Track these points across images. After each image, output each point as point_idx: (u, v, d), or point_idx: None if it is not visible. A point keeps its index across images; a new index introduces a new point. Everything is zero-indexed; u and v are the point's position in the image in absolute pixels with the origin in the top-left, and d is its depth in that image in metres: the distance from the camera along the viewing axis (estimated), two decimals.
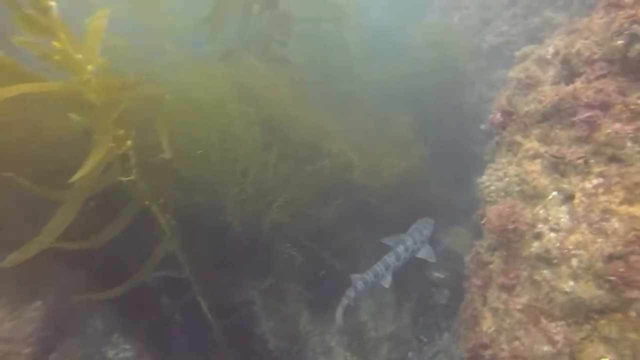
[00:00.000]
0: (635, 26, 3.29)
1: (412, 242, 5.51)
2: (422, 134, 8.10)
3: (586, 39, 3.85)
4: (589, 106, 3.37)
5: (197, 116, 4.40)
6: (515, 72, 5.28)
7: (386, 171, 5.80)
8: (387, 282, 5.19)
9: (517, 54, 5.75)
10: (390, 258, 5.27)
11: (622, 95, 3.36)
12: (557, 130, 3.63)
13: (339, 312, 4.99)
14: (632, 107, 3.27)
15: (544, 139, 3.67)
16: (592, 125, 3.32)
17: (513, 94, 4.79)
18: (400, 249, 5.39)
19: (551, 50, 4.96)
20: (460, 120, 8.97)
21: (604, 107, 3.34)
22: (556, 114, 3.66)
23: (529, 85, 4.65)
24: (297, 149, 5.13)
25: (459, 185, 7.73)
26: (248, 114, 4.59)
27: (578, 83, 3.59)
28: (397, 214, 5.87)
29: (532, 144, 3.70)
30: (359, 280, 5.07)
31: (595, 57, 3.66)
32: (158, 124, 3.74)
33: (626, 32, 3.37)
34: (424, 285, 6.55)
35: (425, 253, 5.47)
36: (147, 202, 3.59)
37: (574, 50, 3.85)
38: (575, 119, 3.47)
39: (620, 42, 3.40)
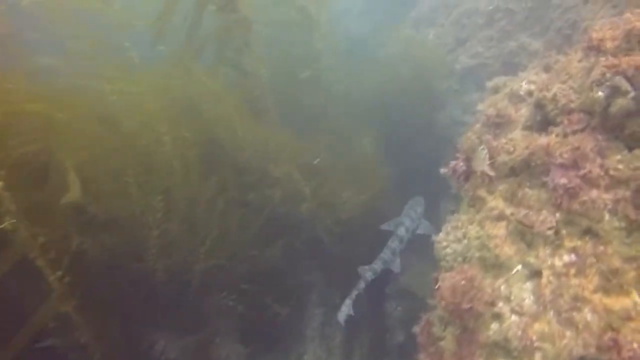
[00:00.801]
0: (617, 78, 2.82)
1: (410, 222, 5.46)
2: (390, 156, 7.59)
3: (563, 82, 3.38)
4: (563, 167, 2.87)
5: (115, 139, 3.69)
6: (485, 106, 4.81)
7: (345, 202, 5.21)
8: (396, 266, 5.10)
9: (489, 84, 5.29)
10: (394, 243, 5.17)
11: (601, 156, 2.89)
12: (527, 189, 3.14)
13: (347, 304, 4.70)
14: (611, 172, 2.80)
15: (511, 198, 3.17)
16: (565, 189, 2.82)
17: (482, 132, 4.31)
18: (401, 231, 5.31)
19: (525, 86, 4.50)
20: (432, 141, 8.51)
21: (580, 168, 2.85)
22: (526, 170, 3.18)
23: (499, 124, 4.16)
24: (242, 175, 4.47)
25: (426, 214, 7.27)
26: (183, 137, 3.90)
27: (553, 136, 3.10)
28: (355, 252, 5.28)
29: (497, 203, 3.19)
30: (368, 272, 4.86)
31: (573, 106, 3.18)
32: (58, 152, 3.02)
33: (607, 84, 2.90)
34: (378, 325, 6.02)
35: (424, 229, 5.46)
36: (31, 254, 2.89)
37: (549, 95, 3.37)
38: (547, 179, 2.97)
39: (600, 93, 2.93)
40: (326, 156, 5.65)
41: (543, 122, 3.56)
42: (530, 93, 4.06)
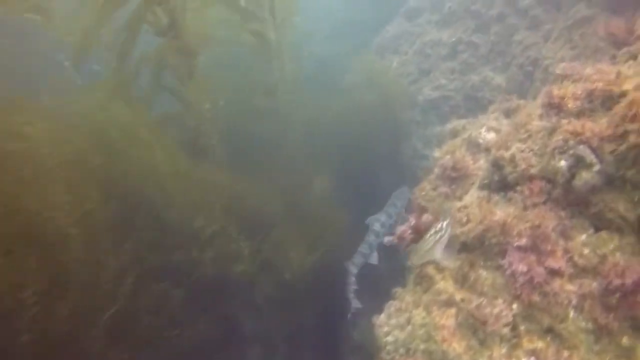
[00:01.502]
0: (581, 148, 2.44)
1: (387, 217, 5.82)
2: (351, 190, 7.11)
3: (523, 142, 2.98)
4: (522, 249, 2.44)
5: None
6: (442, 153, 4.42)
7: (291, 263, 4.58)
8: (374, 259, 5.51)
9: (448, 127, 4.93)
10: (370, 237, 5.59)
11: (565, 237, 2.47)
12: (480, 271, 2.69)
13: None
14: (576, 258, 2.38)
15: (462, 280, 2.71)
16: (525, 278, 2.38)
17: (437, 184, 3.89)
18: (377, 226, 5.70)
19: (484, 134, 4.13)
20: (396, 174, 8.13)
21: (541, 252, 2.42)
22: (480, 248, 2.74)
23: (455, 179, 3.75)
24: (168, 235, 3.82)
25: (386, 261, 6.78)
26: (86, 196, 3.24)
27: (511, 211, 2.67)
28: (300, 319, 4.63)
29: (446, 284, 2.73)
30: (351, 265, 5.27)
31: (533, 171, 2.78)
32: None
33: (570, 152, 2.51)
34: None
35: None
36: None
37: (507, 155, 2.96)
38: (503, 262, 2.53)
39: (562, 163, 2.53)
40: (274, 203, 5.04)
41: (501, 184, 3.15)
42: (488, 146, 3.68)
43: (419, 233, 3.04)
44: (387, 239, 3.58)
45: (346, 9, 11.24)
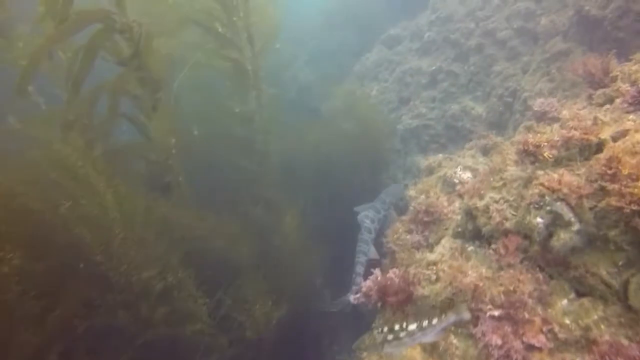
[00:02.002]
0: (559, 205, 2.20)
1: (375, 212, 5.80)
2: (328, 227, 6.78)
3: (497, 191, 2.76)
4: (495, 319, 2.17)
5: None
6: (417, 191, 4.18)
7: (256, 318, 4.14)
8: (373, 253, 5.37)
9: (424, 163, 4.72)
10: (364, 235, 5.53)
11: (543, 304, 2.22)
12: (451, 337, 2.40)
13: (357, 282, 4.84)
14: (557, 329, 2.12)
15: (431, 350, 2.42)
16: (499, 352, 2.10)
17: (408, 229, 3.64)
18: (367, 223, 5.67)
19: (459, 173, 3.92)
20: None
21: (517, 322, 2.15)
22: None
23: (427, 223, 3.50)
24: (110, 291, 3.37)
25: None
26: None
27: (484, 270, 2.42)
28: None
29: (413, 352, 2.43)
30: (357, 264, 5.21)
31: (508, 225, 2.54)
32: None
33: (547, 209, 2.28)
34: None
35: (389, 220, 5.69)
36: None
37: (481, 205, 2.73)
38: (476, 330, 2.25)
39: (539, 220, 2.30)
40: (241, 246, 4.62)
41: (475, 233, 2.91)
42: (462, 192, 3.45)
43: (385, 295, 2.75)
44: (352, 297, 3.27)
45: (329, 34, 11.16)
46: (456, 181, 3.86)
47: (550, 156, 2.48)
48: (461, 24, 7.47)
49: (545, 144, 2.51)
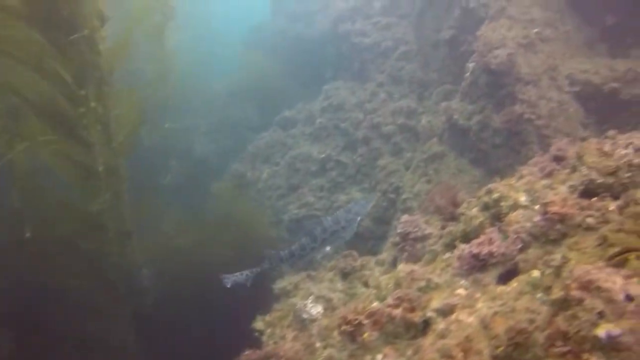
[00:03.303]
0: None
1: (333, 223, 4.97)
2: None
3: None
4: None
5: None
6: (264, 324, 3.58)
7: None
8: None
9: (279, 285, 4.18)
10: (305, 240, 4.77)
11: None
12: None
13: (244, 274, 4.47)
14: None
15: None
16: None
17: None
18: (317, 230, 4.90)
19: (309, 307, 3.39)
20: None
21: None
22: None
23: None
24: None
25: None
26: None
27: None
28: None
29: None
30: (274, 257, 4.70)
31: None
32: None
33: None
34: None
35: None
36: None
37: None
38: None
39: None
40: None
41: None
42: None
43: None
44: None
45: (230, 107, 10.80)
46: (305, 316, 3.31)
47: (371, 337, 2.00)
48: (351, 114, 7.47)
49: (366, 321, 2.04)
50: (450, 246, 2.77)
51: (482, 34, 5.06)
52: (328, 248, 7.08)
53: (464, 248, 2.37)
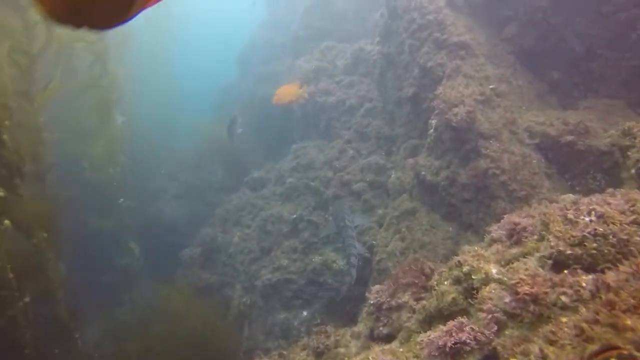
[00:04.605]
0: None
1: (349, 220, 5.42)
2: None
3: None
4: None
5: None
6: None
7: None
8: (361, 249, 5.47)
9: None
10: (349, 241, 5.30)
11: None
12: None
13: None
14: None
15: None
16: None
17: None
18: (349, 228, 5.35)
19: None
20: None
21: None
22: None
23: None
24: None
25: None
26: None
27: None
28: None
29: None
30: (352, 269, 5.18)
31: None
32: None
33: None
34: None
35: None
36: None
37: None
38: None
39: None
40: None
41: None
42: None
43: None
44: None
45: (199, 170, 10.65)
46: None
47: None
48: (320, 172, 7.41)
49: None
50: (424, 323, 2.58)
51: (441, 92, 5.18)
52: (305, 313, 6.92)
53: (432, 338, 2.18)
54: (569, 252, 2.04)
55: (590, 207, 2.15)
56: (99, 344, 6.44)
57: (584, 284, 1.85)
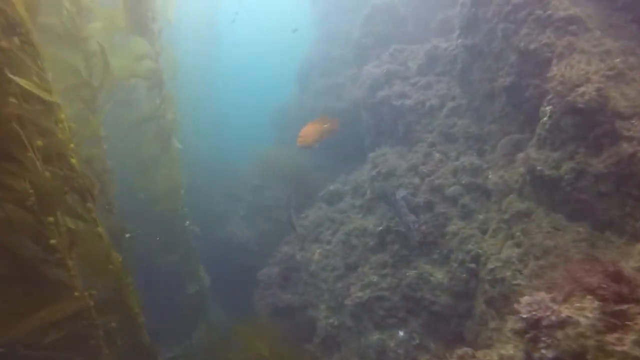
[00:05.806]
0: None
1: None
2: None
3: None
4: None
5: None
6: None
7: None
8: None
9: None
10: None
11: None
12: None
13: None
14: None
15: None
16: None
17: None
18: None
19: None
20: None
21: None
22: None
23: None
24: None
25: None
26: None
27: None
28: None
29: None
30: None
31: None
32: None
33: None
34: None
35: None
36: None
37: None
38: None
39: None
40: None
41: None
42: None
43: None
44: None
45: (264, 190, 10.41)
46: None
47: None
48: (404, 179, 6.84)
49: None
50: None
51: (556, 73, 4.53)
52: (401, 333, 6.27)
53: None
54: None
55: None
56: None
57: None
